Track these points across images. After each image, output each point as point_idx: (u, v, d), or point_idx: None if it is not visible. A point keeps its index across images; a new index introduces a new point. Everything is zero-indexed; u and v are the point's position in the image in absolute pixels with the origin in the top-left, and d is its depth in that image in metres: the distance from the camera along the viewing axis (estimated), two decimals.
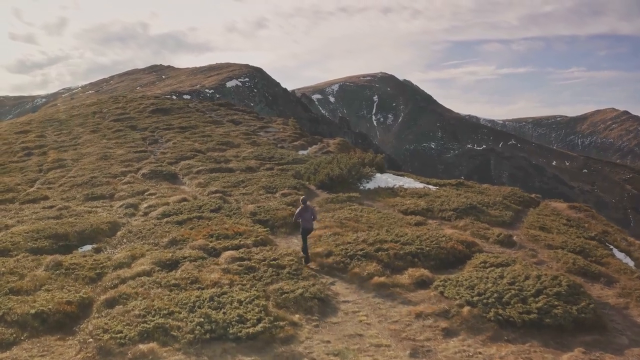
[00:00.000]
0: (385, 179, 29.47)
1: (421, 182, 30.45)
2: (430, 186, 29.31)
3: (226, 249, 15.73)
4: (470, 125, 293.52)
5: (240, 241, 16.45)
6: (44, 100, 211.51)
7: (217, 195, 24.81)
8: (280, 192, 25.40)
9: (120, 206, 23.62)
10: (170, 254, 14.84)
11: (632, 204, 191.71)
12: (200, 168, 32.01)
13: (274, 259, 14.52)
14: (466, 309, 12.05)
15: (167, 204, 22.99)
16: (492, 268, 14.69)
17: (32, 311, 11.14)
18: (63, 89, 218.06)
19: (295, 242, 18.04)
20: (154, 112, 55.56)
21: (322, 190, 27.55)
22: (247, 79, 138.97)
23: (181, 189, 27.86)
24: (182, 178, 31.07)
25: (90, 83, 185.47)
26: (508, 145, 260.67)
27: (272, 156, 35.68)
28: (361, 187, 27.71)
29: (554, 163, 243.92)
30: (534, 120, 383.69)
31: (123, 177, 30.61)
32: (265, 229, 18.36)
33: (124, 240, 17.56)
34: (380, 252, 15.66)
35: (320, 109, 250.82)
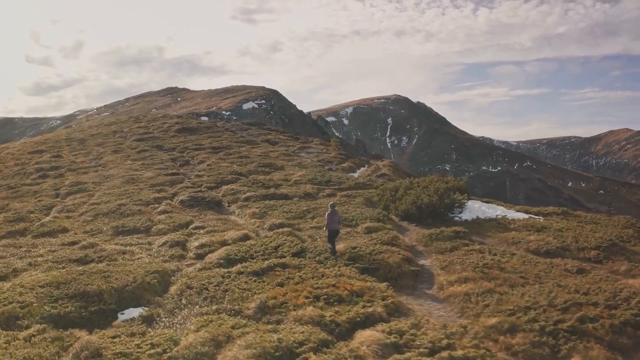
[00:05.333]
0: (479, 208, 23.88)
1: (518, 211, 24.87)
2: (534, 216, 23.73)
3: (353, 322, 10.14)
4: (484, 147, 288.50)
5: (364, 308, 10.87)
6: (59, 122, 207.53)
7: (285, 230, 19.27)
8: (362, 226, 19.84)
9: (162, 244, 18.14)
10: (276, 337, 9.22)
11: None
12: (249, 194, 26.57)
13: (448, 345, 8.90)
14: None
15: (226, 242, 17.50)
16: None
17: None
18: (78, 110, 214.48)
19: (431, 303, 12.58)
20: (179, 131, 50.45)
21: (409, 221, 22.07)
22: (263, 101, 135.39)
23: (232, 221, 22.34)
24: (229, 206, 25.63)
25: (105, 105, 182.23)
26: (523, 167, 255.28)
27: (328, 180, 30.23)
28: (456, 218, 22.15)
29: (569, 184, 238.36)
30: (548, 141, 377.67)
31: (157, 205, 25.21)
32: (385, 284, 12.71)
33: (184, 302, 12.01)
34: (588, 324, 10.21)
35: (335, 131, 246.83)
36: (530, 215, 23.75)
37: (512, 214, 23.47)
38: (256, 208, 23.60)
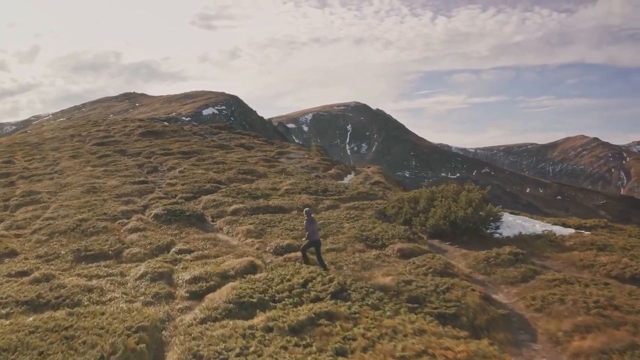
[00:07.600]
0: (514, 222, 20.23)
1: (555, 224, 21.31)
2: (577, 229, 20.21)
3: None
4: (443, 154, 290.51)
5: None
6: (13, 127, 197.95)
7: (298, 255, 15.09)
8: (393, 248, 15.85)
9: (140, 277, 13.61)
10: None
11: None
12: (236, 207, 22.26)
13: None
14: None
15: (227, 274, 13.18)
16: None
17: None
18: (34, 116, 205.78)
19: None
20: (144, 135, 45.55)
21: (440, 239, 18.16)
22: (223, 107, 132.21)
23: (223, 241, 17.97)
24: (214, 221, 21.24)
25: (62, 110, 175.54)
26: (482, 173, 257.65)
27: (324, 189, 26.13)
28: (496, 235, 18.39)
29: (527, 190, 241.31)
30: (506, 148, 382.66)
31: (126, 220, 20.63)
32: (487, 343, 8.69)
33: None
34: None
35: (294, 138, 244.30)
36: (575, 229, 20.22)
37: (556, 229, 19.86)
38: (250, 224, 19.31)
